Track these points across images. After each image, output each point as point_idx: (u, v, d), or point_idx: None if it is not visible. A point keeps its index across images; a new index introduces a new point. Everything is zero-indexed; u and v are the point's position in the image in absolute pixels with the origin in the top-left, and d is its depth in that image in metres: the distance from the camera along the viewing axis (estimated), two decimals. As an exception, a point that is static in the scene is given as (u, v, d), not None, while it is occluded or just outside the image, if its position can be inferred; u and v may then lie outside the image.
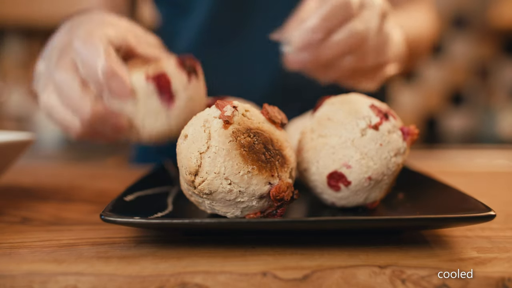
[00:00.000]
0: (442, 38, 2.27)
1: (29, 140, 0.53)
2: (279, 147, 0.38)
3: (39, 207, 0.49)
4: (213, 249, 0.36)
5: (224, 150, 0.35)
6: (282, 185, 0.37)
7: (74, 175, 0.72)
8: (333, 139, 0.42)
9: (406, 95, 2.34)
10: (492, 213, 0.35)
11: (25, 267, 0.33)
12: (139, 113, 0.45)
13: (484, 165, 1.65)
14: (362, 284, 0.31)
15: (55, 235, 0.40)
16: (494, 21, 2.15)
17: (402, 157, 0.42)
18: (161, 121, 0.46)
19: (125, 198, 0.41)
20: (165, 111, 0.46)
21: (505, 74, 2.34)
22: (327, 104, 0.44)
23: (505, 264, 0.33)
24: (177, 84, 0.46)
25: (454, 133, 2.32)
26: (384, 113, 0.42)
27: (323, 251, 0.35)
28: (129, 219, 0.35)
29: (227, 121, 0.36)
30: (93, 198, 0.54)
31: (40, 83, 0.50)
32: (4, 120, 2.23)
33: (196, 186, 0.36)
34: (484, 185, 0.65)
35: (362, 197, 0.43)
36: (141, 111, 0.45)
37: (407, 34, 0.66)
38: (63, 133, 0.45)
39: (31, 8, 2.11)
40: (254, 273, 0.32)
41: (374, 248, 0.36)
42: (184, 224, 0.35)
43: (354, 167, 0.41)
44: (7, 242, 0.38)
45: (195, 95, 0.47)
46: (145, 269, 0.32)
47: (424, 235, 0.39)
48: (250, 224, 0.35)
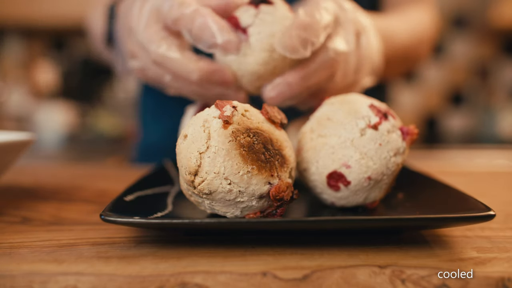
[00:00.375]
0: (442, 38, 2.27)
1: (29, 140, 0.53)
2: (278, 147, 0.38)
3: (39, 207, 0.49)
4: (213, 249, 0.36)
5: (223, 150, 0.35)
6: (281, 185, 0.37)
7: (74, 175, 0.72)
8: (333, 139, 0.42)
9: (406, 95, 2.34)
10: (492, 213, 0.35)
11: (25, 267, 0.33)
12: (235, 61, 0.46)
13: (484, 165, 1.65)
14: (362, 284, 0.31)
15: (55, 235, 0.40)
16: (494, 21, 2.15)
17: (401, 157, 0.42)
18: (250, 59, 0.45)
19: (125, 198, 0.41)
20: (248, 47, 0.45)
21: (505, 74, 2.34)
22: (327, 104, 0.45)
23: (505, 264, 0.33)
24: (245, 18, 0.45)
25: (454, 133, 2.33)
26: (384, 113, 0.42)
27: (323, 251, 0.35)
28: (129, 219, 0.35)
29: (226, 121, 0.36)
30: (93, 198, 0.54)
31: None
32: (4, 120, 2.23)
33: (196, 186, 0.36)
34: (484, 185, 0.65)
35: (362, 197, 0.43)
36: (235, 59, 0.45)
37: (392, 41, 0.66)
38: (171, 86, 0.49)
39: (31, 8, 2.11)
40: (254, 273, 0.32)
41: (374, 248, 0.36)
42: (184, 224, 0.35)
43: (354, 167, 0.41)
44: (7, 242, 0.38)
45: (268, 21, 0.46)
46: (145, 269, 0.32)
47: (424, 235, 0.39)
48: (250, 224, 0.35)
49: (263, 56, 0.45)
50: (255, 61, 0.45)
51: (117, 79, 2.40)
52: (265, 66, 0.45)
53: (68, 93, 2.41)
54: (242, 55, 0.45)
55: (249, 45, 0.45)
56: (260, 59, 0.45)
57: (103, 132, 2.26)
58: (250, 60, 0.45)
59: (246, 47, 0.45)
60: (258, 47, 0.45)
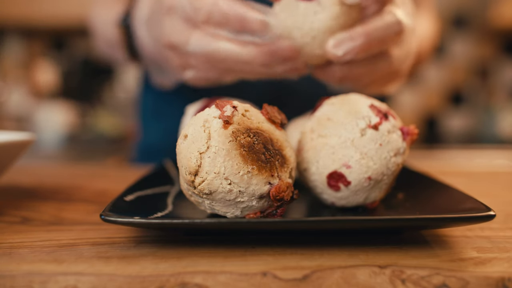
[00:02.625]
0: (442, 38, 2.27)
1: (29, 140, 0.53)
2: (279, 147, 0.38)
3: (39, 207, 0.49)
4: (213, 249, 0.36)
5: (224, 150, 0.35)
6: (282, 185, 0.37)
7: (74, 175, 0.72)
8: (333, 139, 0.42)
9: (406, 95, 2.34)
10: (492, 213, 0.35)
11: (25, 267, 0.33)
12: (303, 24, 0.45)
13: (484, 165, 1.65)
14: (362, 284, 0.31)
15: (55, 235, 0.40)
16: (494, 21, 2.15)
17: (402, 157, 0.42)
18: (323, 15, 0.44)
19: (125, 198, 0.41)
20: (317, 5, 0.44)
21: (505, 74, 2.34)
22: (327, 104, 0.45)
23: (505, 264, 0.33)
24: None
25: (454, 133, 2.33)
26: (384, 113, 0.42)
27: (323, 251, 0.35)
28: (129, 219, 0.35)
29: (227, 121, 0.36)
30: (93, 198, 0.54)
31: None
32: (4, 120, 2.23)
33: (196, 186, 0.36)
34: (484, 185, 0.65)
35: (362, 197, 0.43)
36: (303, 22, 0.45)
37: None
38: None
39: (31, 8, 2.11)
40: (254, 273, 0.32)
41: (374, 248, 0.36)
42: (184, 224, 0.35)
43: (354, 167, 0.41)
44: (7, 242, 0.38)
45: None
46: (145, 269, 0.32)
47: (424, 235, 0.39)
48: (250, 224, 0.35)
49: (336, 10, 0.44)
50: (329, 16, 0.44)
51: (117, 79, 2.40)
52: (337, 21, 0.44)
53: (68, 93, 2.41)
54: (312, 14, 0.44)
55: (319, 2, 0.44)
56: (334, 13, 0.44)
57: (103, 132, 2.26)
58: (322, 17, 0.44)
59: (315, 5, 0.44)
60: (329, 1, 0.44)
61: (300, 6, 0.44)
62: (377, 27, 0.45)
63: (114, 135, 2.24)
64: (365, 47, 0.45)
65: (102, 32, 0.78)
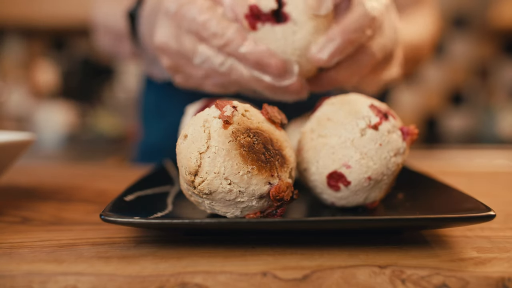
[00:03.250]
0: (442, 38, 2.27)
1: (29, 140, 0.53)
2: (278, 147, 0.38)
3: (39, 207, 0.49)
4: (213, 249, 0.36)
5: (223, 150, 0.35)
6: (282, 185, 0.37)
7: (74, 175, 0.72)
8: (333, 139, 0.42)
9: (406, 95, 2.34)
10: (492, 213, 0.35)
11: (25, 267, 0.33)
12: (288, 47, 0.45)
13: (484, 165, 1.65)
14: (362, 284, 0.31)
15: (55, 235, 0.40)
16: (494, 21, 2.15)
17: (401, 157, 0.42)
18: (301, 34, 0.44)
19: (125, 198, 0.41)
20: (293, 25, 0.44)
21: (505, 74, 2.34)
22: (327, 104, 0.45)
23: (505, 264, 0.33)
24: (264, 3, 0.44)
25: (454, 133, 2.33)
26: (384, 113, 0.42)
27: (323, 251, 0.35)
28: (129, 219, 0.35)
29: (226, 121, 0.36)
30: (93, 198, 0.54)
31: None
32: (4, 120, 2.23)
33: (196, 186, 0.36)
34: (484, 185, 0.65)
35: (362, 197, 0.43)
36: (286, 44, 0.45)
37: (407, 38, 0.66)
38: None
39: (31, 8, 2.11)
40: (254, 273, 0.32)
41: (374, 248, 0.36)
42: (184, 224, 0.35)
43: (354, 167, 0.41)
44: (7, 242, 0.38)
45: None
46: (145, 269, 0.32)
47: (424, 235, 0.39)
48: (250, 224, 0.35)
49: (312, 24, 0.44)
50: (307, 32, 0.44)
51: (117, 79, 2.40)
52: (317, 33, 0.45)
53: (68, 93, 2.41)
54: (291, 35, 0.44)
55: (294, 22, 0.44)
56: (311, 27, 0.44)
57: (103, 132, 2.26)
58: (301, 35, 0.44)
59: (292, 25, 0.44)
60: (303, 18, 0.44)
61: (277, 30, 0.44)
62: (350, 21, 0.45)
63: (114, 135, 2.24)
64: (346, 43, 0.45)
65: (107, 25, 0.78)
